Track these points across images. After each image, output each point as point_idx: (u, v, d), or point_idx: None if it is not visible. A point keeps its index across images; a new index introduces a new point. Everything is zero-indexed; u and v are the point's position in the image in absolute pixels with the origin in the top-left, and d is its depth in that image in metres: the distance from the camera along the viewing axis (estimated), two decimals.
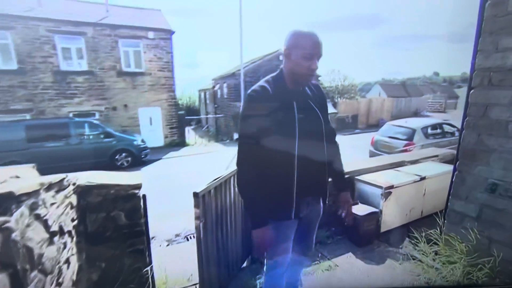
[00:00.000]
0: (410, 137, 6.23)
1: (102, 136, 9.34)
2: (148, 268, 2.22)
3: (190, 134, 14.67)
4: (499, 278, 2.06)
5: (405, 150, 5.82)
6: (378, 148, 7.03)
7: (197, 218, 2.03)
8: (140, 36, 12.16)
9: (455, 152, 4.27)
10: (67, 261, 1.69)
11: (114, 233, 2.12)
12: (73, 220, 1.83)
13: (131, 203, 2.15)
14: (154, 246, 3.92)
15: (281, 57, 15.37)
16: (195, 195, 1.98)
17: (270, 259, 1.69)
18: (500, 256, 2.07)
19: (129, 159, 9.48)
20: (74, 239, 1.83)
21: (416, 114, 22.30)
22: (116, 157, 9.33)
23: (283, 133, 1.42)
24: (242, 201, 2.03)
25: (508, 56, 2.01)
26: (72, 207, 1.82)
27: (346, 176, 1.73)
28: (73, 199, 1.86)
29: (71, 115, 11.07)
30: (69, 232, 1.75)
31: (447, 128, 7.27)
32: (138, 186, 2.19)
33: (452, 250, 2.35)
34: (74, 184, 1.88)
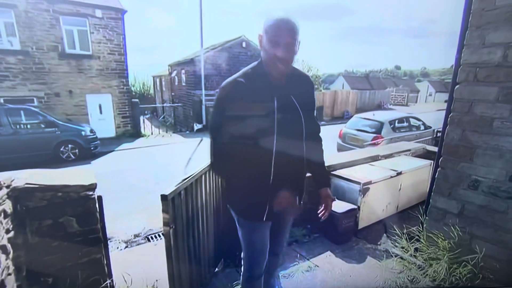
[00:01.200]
0: (378, 130, 6.37)
1: (43, 125, 8.25)
2: (108, 281, 1.96)
3: (145, 124, 13.75)
4: (481, 274, 2.09)
5: (374, 143, 5.97)
6: (346, 141, 7.07)
7: (166, 224, 1.74)
8: (85, 14, 10.87)
9: (426, 146, 4.50)
10: (2, 284, 1.36)
11: (63, 242, 1.82)
12: (8, 231, 1.50)
13: (84, 207, 1.86)
14: (111, 249, 3.53)
15: (244, 44, 15.22)
16: (164, 198, 1.68)
17: (246, 262, 1.67)
18: (482, 252, 2.09)
19: (77, 151, 8.55)
20: (11, 255, 1.51)
21: (380, 107, 23.38)
22: (61, 149, 8.35)
23: (259, 134, 1.30)
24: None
25: (495, 52, 1.97)
26: (6, 216, 1.49)
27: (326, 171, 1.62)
28: (7, 206, 1.52)
29: (1, 100, 9.59)
30: (3, 248, 1.43)
31: (413, 121, 7.51)
32: (92, 187, 1.87)
33: (434, 247, 2.35)
34: (8, 186, 1.54)
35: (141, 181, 6.34)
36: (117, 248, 3.56)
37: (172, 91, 18.29)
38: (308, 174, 1.59)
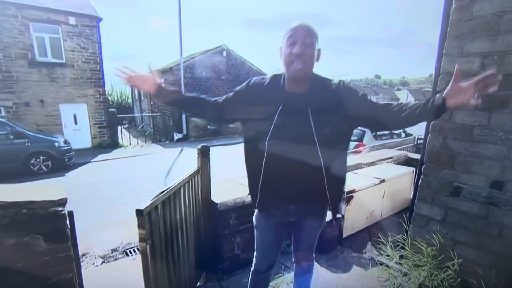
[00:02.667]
0: (360, 138, 6.42)
1: (11, 136, 7.79)
2: None
3: (123, 134, 13.33)
4: (463, 279, 2.10)
5: (356, 151, 6.03)
6: None
7: (142, 240, 1.62)
8: (58, 21, 10.49)
9: (408, 154, 4.59)
10: None
11: (29, 263, 1.68)
12: None
13: (52, 224, 1.72)
14: (86, 265, 3.33)
15: (224, 53, 15.19)
16: (139, 212, 1.56)
17: (255, 258, 1.78)
18: (464, 257, 2.11)
19: (49, 163, 8.14)
20: None
21: None
22: (32, 161, 7.91)
23: (254, 132, 1.40)
24: None
25: (473, 61, 2.03)
26: None
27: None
28: None
29: None
30: None
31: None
32: (62, 202, 1.76)
33: (419, 254, 2.35)
34: None
35: (119, 193, 6.07)
36: (93, 264, 3.40)
37: (151, 100, 17.92)
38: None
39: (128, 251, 3.57)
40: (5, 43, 9.66)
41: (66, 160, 8.43)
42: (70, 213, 1.83)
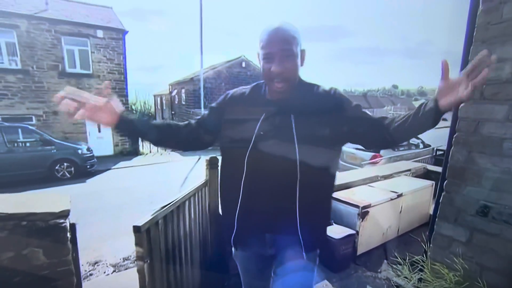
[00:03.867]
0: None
1: (39, 143, 8.19)
2: None
3: (144, 142, 13.65)
4: None
5: (373, 162, 5.78)
6: (344, 159, 6.90)
7: (139, 258, 1.53)
8: (87, 34, 11.05)
9: (427, 166, 4.32)
10: None
11: (27, 277, 1.63)
12: None
13: (52, 237, 1.67)
14: (98, 273, 3.33)
15: (243, 64, 15.36)
16: (137, 229, 1.48)
17: None
18: (492, 286, 1.88)
19: (72, 169, 8.43)
20: None
21: None
22: (56, 167, 8.23)
23: (234, 145, 1.21)
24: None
25: (503, 68, 1.83)
26: None
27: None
28: None
29: None
30: None
31: (412, 139, 7.30)
32: (64, 214, 1.71)
33: (440, 278, 2.12)
34: None
35: (135, 200, 6.15)
36: (104, 272, 3.39)
37: (172, 109, 18.35)
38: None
39: None
40: (39, 56, 10.26)
41: (88, 166, 8.71)
42: (72, 226, 1.79)
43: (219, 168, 1.37)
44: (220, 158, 1.35)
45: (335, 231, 2.71)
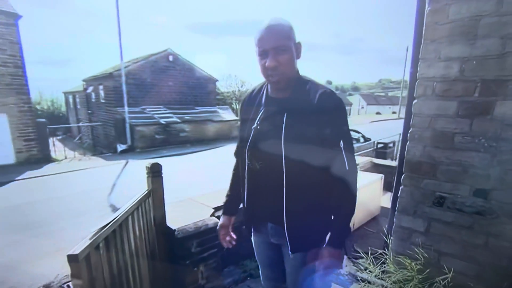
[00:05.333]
0: None
1: None
2: None
3: (56, 147, 11.80)
4: None
5: None
6: None
7: None
8: None
9: (374, 159, 4.59)
10: None
11: None
12: None
13: None
14: None
15: (171, 58, 14.40)
16: (73, 258, 1.15)
17: None
18: (451, 270, 2.02)
19: None
20: None
21: None
22: None
23: (240, 144, 1.36)
24: None
25: (452, 66, 1.95)
26: None
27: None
28: None
29: None
30: None
31: (352, 134, 7.73)
32: None
33: (403, 268, 2.21)
34: None
35: (53, 216, 5.15)
36: None
37: (89, 108, 16.27)
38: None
39: (66, 285, 3.02)
40: None
41: None
42: None
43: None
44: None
45: None
